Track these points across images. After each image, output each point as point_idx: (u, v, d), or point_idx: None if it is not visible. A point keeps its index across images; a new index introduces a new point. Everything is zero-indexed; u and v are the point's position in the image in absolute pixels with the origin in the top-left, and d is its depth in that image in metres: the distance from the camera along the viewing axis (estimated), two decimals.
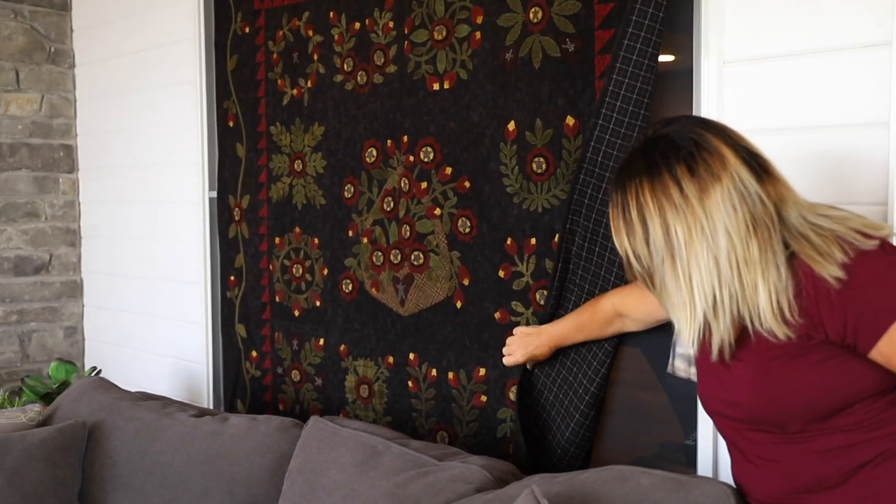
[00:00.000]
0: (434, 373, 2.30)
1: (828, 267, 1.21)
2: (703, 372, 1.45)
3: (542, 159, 2.03)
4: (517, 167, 2.08)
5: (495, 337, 2.15)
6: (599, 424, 1.98)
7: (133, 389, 2.69)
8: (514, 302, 2.11)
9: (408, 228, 2.32)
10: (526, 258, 2.08)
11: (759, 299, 1.24)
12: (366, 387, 2.47)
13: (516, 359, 1.97)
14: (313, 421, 2.14)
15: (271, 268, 2.73)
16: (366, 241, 2.44)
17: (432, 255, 2.28)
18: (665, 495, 1.52)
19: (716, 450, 1.81)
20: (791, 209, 1.26)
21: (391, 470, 1.89)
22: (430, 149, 2.26)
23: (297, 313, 2.66)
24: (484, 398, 2.19)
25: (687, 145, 1.26)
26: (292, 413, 2.68)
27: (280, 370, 2.72)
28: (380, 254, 2.41)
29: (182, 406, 2.49)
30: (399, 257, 2.36)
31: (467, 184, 2.19)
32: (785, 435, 1.33)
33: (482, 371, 2.19)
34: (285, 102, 2.64)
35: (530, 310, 2.08)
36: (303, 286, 2.64)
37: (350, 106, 2.46)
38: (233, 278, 2.85)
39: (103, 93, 3.42)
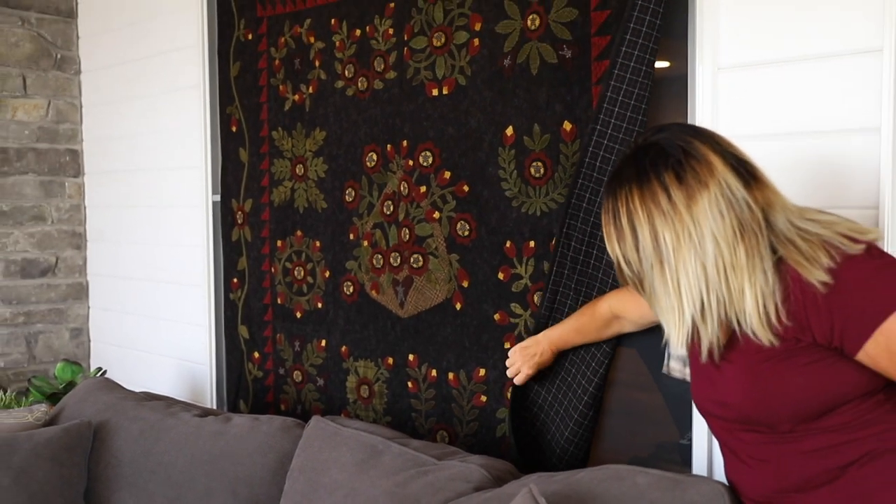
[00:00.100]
0: (434, 373, 2.29)
1: (814, 272, 1.21)
2: (695, 373, 1.45)
3: (539, 163, 2.03)
4: (515, 171, 2.08)
5: (494, 338, 2.15)
6: (597, 424, 1.98)
7: (138, 390, 2.68)
8: (512, 304, 2.11)
9: (407, 232, 2.32)
10: (525, 261, 2.08)
11: (745, 304, 1.24)
12: (366, 387, 2.47)
13: (526, 373, 1.93)
14: (315, 421, 2.14)
15: (273, 270, 2.72)
16: (366, 244, 2.44)
17: (431, 257, 2.27)
18: (661, 494, 1.52)
19: (710, 449, 1.80)
20: (778, 214, 1.26)
21: (391, 469, 1.89)
22: (429, 153, 2.26)
23: (298, 315, 2.66)
24: (484, 398, 2.19)
25: (675, 153, 1.26)
26: (294, 413, 2.67)
27: (282, 371, 2.71)
28: (380, 256, 2.40)
29: (186, 406, 2.48)
30: (399, 260, 2.35)
31: (466, 188, 2.18)
32: (774, 435, 1.32)
33: (482, 371, 2.19)
34: (287, 108, 2.64)
35: (528, 311, 2.07)
36: (304, 288, 2.63)
37: (351, 111, 2.45)
38: (236, 281, 2.85)
39: (108, 98, 3.42)
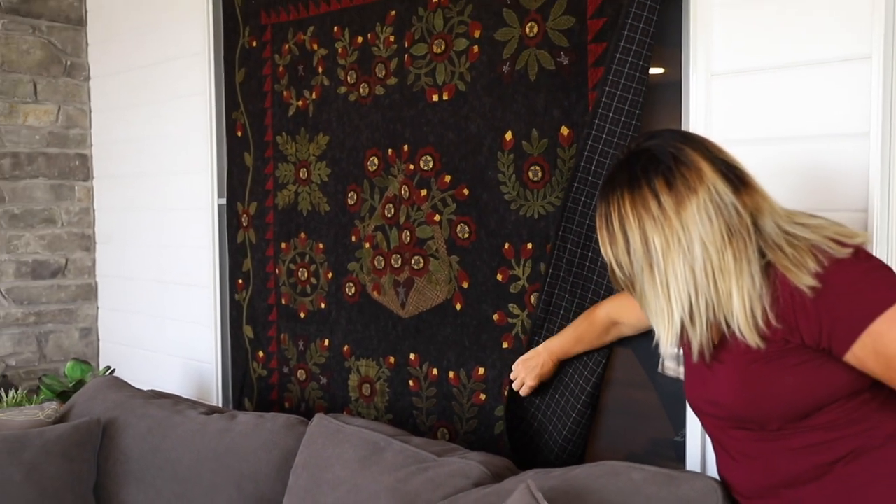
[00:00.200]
0: (435, 372, 2.29)
1: (801, 277, 1.21)
2: (688, 372, 1.45)
3: (537, 167, 2.03)
4: (514, 175, 2.08)
5: (493, 338, 2.15)
6: (594, 422, 1.98)
7: (145, 388, 2.69)
8: (510, 304, 2.11)
9: (408, 234, 2.32)
10: (522, 262, 2.08)
11: (733, 306, 1.24)
12: (368, 386, 2.47)
13: (530, 384, 1.95)
14: (318, 418, 2.14)
15: (278, 272, 2.73)
16: (368, 246, 2.44)
17: (432, 259, 2.27)
18: (656, 489, 1.52)
19: (703, 446, 1.81)
20: (767, 219, 1.26)
21: (393, 465, 1.89)
22: (429, 157, 2.26)
23: (302, 315, 2.66)
24: (483, 396, 2.19)
25: (666, 160, 1.27)
26: (298, 411, 2.67)
27: (286, 370, 2.72)
28: (381, 258, 2.41)
29: (192, 404, 2.48)
30: (400, 261, 2.35)
31: (466, 191, 2.19)
32: (764, 433, 1.33)
33: (481, 370, 2.19)
34: (291, 113, 2.64)
35: (525, 312, 2.08)
36: (308, 289, 2.63)
37: (353, 116, 2.46)
38: (241, 282, 2.85)
39: (117, 104, 3.42)
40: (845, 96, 1.59)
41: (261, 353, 2.80)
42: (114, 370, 3.17)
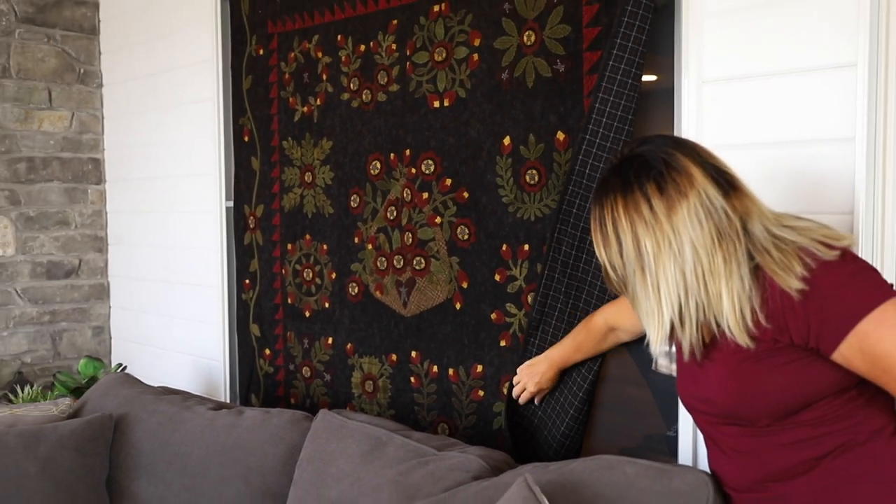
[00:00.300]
0: (435, 369, 2.29)
1: (788, 280, 1.21)
2: (680, 370, 1.45)
3: (534, 171, 2.03)
4: (512, 179, 2.08)
5: (491, 336, 2.15)
6: (590, 418, 1.98)
7: (155, 384, 2.69)
8: (508, 304, 2.11)
9: (410, 235, 2.32)
10: (519, 263, 2.08)
11: (723, 307, 1.24)
12: (371, 382, 2.47)
13: (531, 390, 1.96)
14: (322, 414, 2.14)
15: (283, 272, 2.73)
16: (370, 247, 2.44)
17: (433, 260, 2.28)
18: (649, 482, 1.52)
19: (695, 441, 1.80)
20: (756, 222, 1.25)
21: (394, 459, 1.89)
22: (430, 162, 2.26)
23: (307, 314, 2.66)
24: (481, 393, 2.19)
25: (658, 165, 1.27)
26: (303, 407, 2.67)
27: (292, 367, 2.72)
28: (384, 259, 2.41)
29: (201, 400, 2.48)
30: (402, 262, 2.35)
31: (466, 194, 2.19)
32: (754, 429, 1.33)
33: (479, 368, 2.19)
34: (296, 119, 2.65)
35: (522, 311, 2.08)
36: (312, 289, 2.63)
37: (356, 122, 2.46)
38: (248, 282, 2.85)
39: (128, 110, 3.42)
40: (832, 102, 1.59)
41: (267, 351, 2.80)
42: (125, 367, 3.18)
